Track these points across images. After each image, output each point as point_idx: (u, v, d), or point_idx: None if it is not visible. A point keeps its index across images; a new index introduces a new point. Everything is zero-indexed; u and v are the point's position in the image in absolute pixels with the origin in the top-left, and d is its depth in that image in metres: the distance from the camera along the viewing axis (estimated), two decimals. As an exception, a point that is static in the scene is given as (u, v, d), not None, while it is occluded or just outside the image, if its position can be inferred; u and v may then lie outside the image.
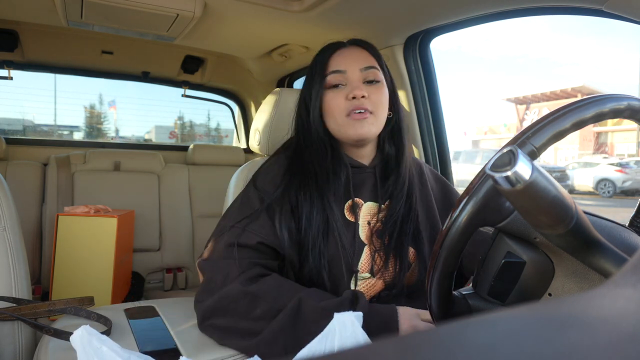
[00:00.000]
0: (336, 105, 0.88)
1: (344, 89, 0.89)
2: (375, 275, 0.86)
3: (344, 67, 0.90)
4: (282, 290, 0.79)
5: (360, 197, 0.92)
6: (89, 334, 0.64)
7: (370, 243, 0.88)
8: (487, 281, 0.61)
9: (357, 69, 0.89)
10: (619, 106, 0.54)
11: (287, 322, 0.75)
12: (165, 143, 8.32)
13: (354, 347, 0.15)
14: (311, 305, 0.76)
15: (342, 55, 0.92)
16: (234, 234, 0.85)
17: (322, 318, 0.75)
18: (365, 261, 0.87)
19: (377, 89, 0.90)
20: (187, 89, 2.55)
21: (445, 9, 1.22)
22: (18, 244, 0.99)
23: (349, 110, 0.88)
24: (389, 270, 0.88)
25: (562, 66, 79.05)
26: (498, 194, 0.53)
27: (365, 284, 0.86)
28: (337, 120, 0.89)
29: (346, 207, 0.90)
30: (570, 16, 1.04)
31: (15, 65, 2.13)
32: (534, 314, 0.17)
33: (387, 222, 0.90)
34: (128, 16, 1.41)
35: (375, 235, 0.89)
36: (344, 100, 0.88)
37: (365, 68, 0.90)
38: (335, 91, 0.89)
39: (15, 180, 1.89)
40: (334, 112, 0.89)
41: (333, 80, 0.89)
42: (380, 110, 0.90)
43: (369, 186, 0.94)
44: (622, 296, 0.18)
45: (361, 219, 0.90)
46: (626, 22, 0.90)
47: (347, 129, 0.89)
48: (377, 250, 0.88)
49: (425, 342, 0.15)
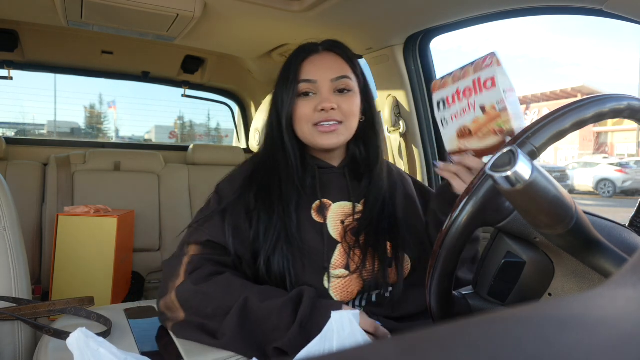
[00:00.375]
0: (305, 115, 0.89)
1: (314, 99, 0.90)
2: (352, 272, 0.87)
3: (315, 77, 0.90)
4: (231, 289, 0.81)
5: (329, 198, 0.92)
6: (86, 336, 0.64)
7: (344, 240, 0.89)
8: (487, 281, 0.61)
9: (328, 79, 0.90)
10: (619, 106, 0.54)
11: (236, 322, 0.77)
12: (165, 143, 8.32)
13: (353, 347, 0.15)
14: (256, 304, 0.78)
15: (314, 63, 0.91)
16: (188, 233, 0.91)
17: (268, 316, 0.77)
18: (338, 258, 0.87)
19: (347, 98, 0.91)
20: (187, 89, 2.55)
21: (445, 9, 1.23)
22: (18, 244, 0.99)
23: (317, 120, 0.89)
24: (367, 268, 0.88)
25: (563, 66, 79.02)
26: (498, 194, 0.53)
27: (340, 282, 0.86)
28: (305, 129, 0.90)
29: (313, 208, 0.91)
30: (570, 16, 1.04)
31: (15, 65, 2.13)
32: (534, 314, 0.17)
33: (363, 221, 0.91)
34: (128, 16, 1.41)
35: (350, 233, 0.89)
36: (312, 110, 0.89)
37: (336, 78, 0.90)
38: (306, 100, 0.90)
39: (15, 180, 1.89)
40: (302, 121, 0.90)
41: (303, 89, 0.90)
42: (350, 119, 0.91)
43: (337, 186, 0.94)
44: (622, 296, 0.18)
45: (331, 219, 0.90)
46: (626, 22, 0.90)
47: (315, 139, 0.90)
48: (352, 247, 0.88)
49: (425, 342, 0.15)
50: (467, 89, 0.77)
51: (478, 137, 0.76)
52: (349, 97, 0.91)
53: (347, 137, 0.92)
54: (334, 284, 0.85)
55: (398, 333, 0.17)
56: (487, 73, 0.75)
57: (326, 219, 0.90)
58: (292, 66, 0.91)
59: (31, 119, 12.71)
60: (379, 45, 1.51)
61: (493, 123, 0.74)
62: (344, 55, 0.94)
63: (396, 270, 0.90)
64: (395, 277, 0.90)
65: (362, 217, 0.91)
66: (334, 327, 0.65)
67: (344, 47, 0.95)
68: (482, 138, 0.76)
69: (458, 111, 0.78)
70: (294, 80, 0.90)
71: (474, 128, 0.76)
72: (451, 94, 0.79)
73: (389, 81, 1.56)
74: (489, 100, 0.75)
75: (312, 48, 0.94)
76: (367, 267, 0.88)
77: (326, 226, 0.89)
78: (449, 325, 0.16)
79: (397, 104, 1.56)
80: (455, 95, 0.78)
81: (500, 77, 0.75)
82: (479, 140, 0.76)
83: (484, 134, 0.76)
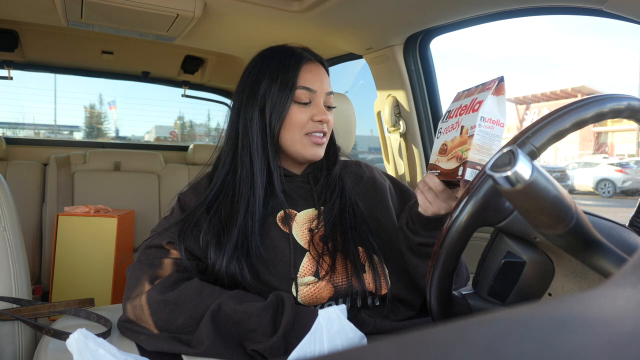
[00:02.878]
0: (300, 122, 0.88)
1: (310, 108, 0.89)
2: (321, 279, 0.84)
3: (315, 87, 0.89)
4: (202, 297, 0.78)
5: (294, 207, 0.91)
6: (85, 337, 0.64)
7: (312, 248, 0.87)
8: (487, 281, 0.61)
9: (324, 91, 0.91)
10: (619, 106, 0.54)
11: (211, 328, 0.74)
12: (165, 143, 8.32)
13: (353, 347, 0.15)
14: (231, 307, 0.76)
15: (312, 72, 0.90)
16: (150, 238, 0.89)
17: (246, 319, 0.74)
18: (307, 265, 0.85)
19: (331, 115, 0.93)
20: (187, 89, 2.55)
21: (445, 9, 1.23)
22: (18, 244, 0.99)
23: (310, 130, 0.89)
24: (339, 273, 0.86)
25: (564, 66, 78.97)
26: (498, 194, 0.53)
27: (309, 289, 0.83)
28: (296, 136, 0.89)
29: (278, 218, 0.89)
30: (572, 16, 1.03)
31: (15, 65, 2.13)
32: (534, 314, 0.17)
33: (327, 225, 0.89)
34: (128, 16, 1.41)
35: (318, 239, 0.88)
36: (308, 119, 0.89)
37: (329, 93, 0.92)
38: (302, 108, 0.89)
39: (15, 180, 1.89)
40: (295, 128, 0.89)
41: (303, 97, 0.89)
42: (329, 134, 0.94)
43: (302, 195, 0.93)
44: (622, 296, 0.18)
45: (298, 228, 0.89)
46: (626, 22, 0.90)
47: (304, 148, 0.90)
48: (321, 254, 0.86)
49: (425, 342, 0.15)
50: (464, 106, 0.74)
51: (447, 157, 0.74)
52: (331, 113, 0.93)
53: None
54: (302, 291, 0.83)
55: (397, 333, 0.17)
56: (483, 96, 0.72)
57: (291, 228, 0.88)
58: (290, 69, 0.89)
59: (31, 119, 12.73)
60: (379, 45, 1.51)
61: (459, 147, 0.71)
62: (326, 70, 0.95)
63: (372, 276, 0.87)
64: (373, 284, 0.86)
65: (325, 221, 0.90)
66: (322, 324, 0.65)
67: (325, 64, 0.96)
68: (448, 159, 0.74)
69: (449, 126, 0.76)
70: (293, 85, 0.87)
71: (450, 147, 0.74)
72: (454, 108, 0.77)
73: (389, 81, 1.56)
74: (468, 122, 0.71)
75: (301, 53, 0.92)
76: (338, 272, 0.85)
77: (292, 236, 0.87)
78: (448, 325, 0.16)
79: (397, 104, 1.56)
80: (456, 111, 0.76)
81: (490, 104, 0.70)
82: (446, 161, 0.74)
83: (450, 156, 0.73)
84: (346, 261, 0.86)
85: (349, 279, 0.85)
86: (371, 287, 0.86)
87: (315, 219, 0.90)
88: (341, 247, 0.88)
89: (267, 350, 0.72)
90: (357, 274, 0.85)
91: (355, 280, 0.85)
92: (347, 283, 0.85)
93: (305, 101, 0.89)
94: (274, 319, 0.75)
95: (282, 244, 0.86)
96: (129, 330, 0.81)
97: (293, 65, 0.89)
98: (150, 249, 0.86)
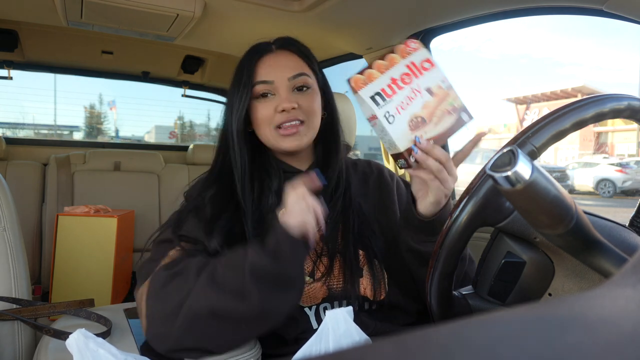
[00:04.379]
0: (265, 117, 0.85)
1: (274, 99, 0.85)
2: (316, 280, 0.83)
3: (271, 77, 0.85)
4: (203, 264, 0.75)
5: None
6: (85, 337, 0.64)
7: None
8: (487, 281, 0.61)
9: (285, 77, 0.85)
10: (619, 106, 0.54)
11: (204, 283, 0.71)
12: (165, 143, 8.33)
13: (352, 347, 0.15)
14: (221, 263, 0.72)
15: (269, 63, 0.87)
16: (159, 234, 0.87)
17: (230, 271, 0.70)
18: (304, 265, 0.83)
19: (308, 96, 0.86)
20: (187, 89, 2.55)
21: (445, 9, 1.23)
22: (18, 244, 0.99)
23: (279, 122, 0.85)
24: (335, 275, 0.84)
25: (565, 66, 78.91)
26: (498, 194, 0.53)
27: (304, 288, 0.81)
28: (267, 133, 0.86)
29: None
30: (573, 16, 1.03)
31: (15, 65, 2.13)
32: (534, 314, 0.17)
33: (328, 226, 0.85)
34: (128, 16, 1.41)
35: (318, 239, 0.84)
36: (273, 111, 0.85)
37: (293, 76, 0.85)
38: (264, 101, 0.86)
39: (15, 180, 1.89)
40: (263, 124, 0.86)
41: (260, 90, 0.85)
42: (312, 117, 0.87)
43: None
44: (622, 296, 0.18)
45: None
46: (626, 22, 0.90)
47: (278, 142, 0.86)
48: (320, 254, 0.84)
49: (425, 342, 0.15)
50: (404, 74, 0.72)
51: (433, 122, 0.72)
52: (308, 94, 0.87)
53: (311, 137, 0.88)
54: None
55: (396, 333, 0.17)
56: (419, 55, 0.72)
57: None
58: (245, 68, 0.86)
59: (31, 119, 12.74)
60: (379, 45, 1.51)
61: (445, 103, 0.71)
62: (298, 52, 0.89)
63: (371, 281, 0.84)
64: (371, 290, 0.84)
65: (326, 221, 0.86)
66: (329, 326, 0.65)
67: (298, 44, 0.90)
68: (437, 122, 0.72)
69: (403, 101, 0.72)
70: (247, 82, 0.85)
71: (427, 114, 0.71)
72: (386, 85, 0.72)
73: (389, 81, 1.56)
74: (433, 81, 0.72)
75: (264, 47, 0.89)
76: (334, 275, 0.84)
77: None
78: (448, 325, 0.16)
79: (397, 104, 1.56)
80: (392, 85, 0.72)
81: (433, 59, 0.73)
82: (435, 125, 0.72)
83: (438, 118, 0.72)
84: (344, 264, 0.85)
85: (345, 283, 0.84)
86: (368, 292, 0.85)
87: None
88: (341, 249, 0.86)
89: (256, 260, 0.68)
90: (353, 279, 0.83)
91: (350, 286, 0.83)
92: (342, 286, 0.83)
93: (265, 94, 0.85)
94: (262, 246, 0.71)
95: None
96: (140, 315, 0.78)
97: (247, 63, 0.87)
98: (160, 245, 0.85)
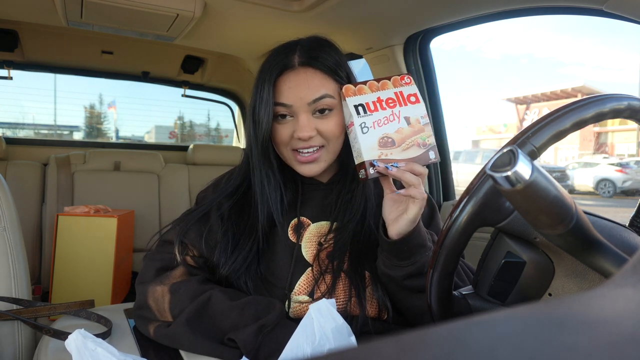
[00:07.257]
0: (284, 139, 0.82)
1: (292, 122, 0.81)
2: (315, 300, 0.80)
3: (290, 101, 0.79)
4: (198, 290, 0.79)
5: (309, 216, 0.86)
6: (84, 337, 0.64)
7: (316, 264, 0.82)
8: (487, 281, 0.61)
9: (305, 102, 0.79)
10: (619, 106, 0.54)
11: (193, 313, 0.75)
12: (165, 143, 8.32)
13: (353, 347, 0.15)
14: (221, 299, 0.76)
15: (289, 84, 0.80)
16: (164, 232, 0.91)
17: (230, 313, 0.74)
18: (303, 283, 0.82)
19: (329, 119, 0.81)
20: (187, 89, 2.55)
21: (445, 9, 1.23)
22: (18, 244, 0.99)
23: (295, 147, 0.82)
24: (338, 297, 0.81)
25: (566, 66, 78.85)
26: (498, 194, 0.53)
27: (302, 306, 0.80)
28: (284, 153, 0.84)
29: (291, 226, 0.86)
30: (575, 16, 1.04)
31: (15, 65, 2.13)
32: (534, 314, 0.17)
33: (337, 243, 0.84)
34: (128, 16, 1.41)
35: (325, 255, 0.83)
36: (289, 136, 0.81)
37: (314, 101, 0.79)
38: (283, 123, 0.82)
39: (15, 180, 1.89)
40: (282, 145, 0.83)
41: (279, 111, 0.81)
42: (333, 140, 0.82)
43: (321, 204, 0.87)
44: (622, 296, 0.18)
45: (307, 240, 0.84)
46: (626, 22, 0.90)
47: (294, 165, 0.84)
48: (323, 272, 0.82)
49: (425, 342, 0.15)
50: (390, 99, 0.79)
51: (401, 147, 0.77)
52: (330, 117, 0.81)
53: (331, 160, 0.84)
54: (294, 308, 0.81)
55: (396, 333, 0.17)
56: (409, 89, 0.80)
57: (301, 239, 0.84)
58: (266, 82, 0.81)
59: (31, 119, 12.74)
60: (379, 45, 1.51)
61: (417, 136, 0.77)
62: (323, 67, 0.81)
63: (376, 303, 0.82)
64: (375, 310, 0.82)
65: (335, 238, 0.84)
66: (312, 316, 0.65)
67: (323, 58, 0.82)
68: (405, 149, 0.77)
69: (381, 119, 0.77)
70: (268, 100, 0.80)
71: (398, 138, 0.77)
72: (371, 101, 0.78)
73: (389, 81, 1.56)
74: (413, 113, 0.78)
75: (287, 62, 0.82)
76: (337, 294, 0.81)
77: (300, 247, 0.84)
78: (448, 325, 0.16)
79: (397, 104, 1.57)
80: (377, 103, 0.78)
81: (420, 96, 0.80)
82: (402, 151, 0.77)
83: (407, 145, 0.77)
84: (347, 283, 0.83)
85: (346, 303, 0.81)
86: (372, 313, 0.82)
87: (326, 233, 0.85)
88: (346, 268, 0.83)
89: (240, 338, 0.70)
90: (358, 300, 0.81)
91: (352, 305, 0.81)
92: (343, 307, 0.81)
93: (284, 114, 0.81)
94: (257, 315, 0.74)
95: (284, 256, 0.83)
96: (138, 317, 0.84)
97: (268, 77, 0.81)
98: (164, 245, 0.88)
